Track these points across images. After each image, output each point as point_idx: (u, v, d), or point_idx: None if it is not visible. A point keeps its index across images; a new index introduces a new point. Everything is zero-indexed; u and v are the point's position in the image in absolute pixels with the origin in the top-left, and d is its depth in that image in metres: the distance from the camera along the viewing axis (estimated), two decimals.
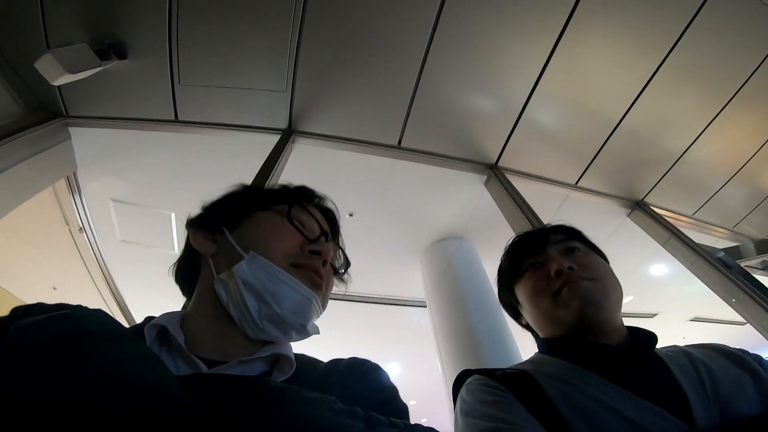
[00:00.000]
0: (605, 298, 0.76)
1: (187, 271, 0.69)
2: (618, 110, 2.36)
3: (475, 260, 3.13)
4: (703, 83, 2.25)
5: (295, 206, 0.69)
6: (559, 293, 0.77)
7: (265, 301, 0.56)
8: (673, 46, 2.03)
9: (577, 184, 2.74)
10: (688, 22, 1.94)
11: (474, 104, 2.29)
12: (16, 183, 1.86)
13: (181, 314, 0.61)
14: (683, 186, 2.87)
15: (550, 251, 0.85)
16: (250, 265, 0.58)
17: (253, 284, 0.57)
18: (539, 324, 0.85)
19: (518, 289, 0.89)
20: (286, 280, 0.58)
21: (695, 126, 2.48)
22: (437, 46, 1.98)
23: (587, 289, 0.76)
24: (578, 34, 1.97)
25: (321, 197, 0.78)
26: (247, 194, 0.75)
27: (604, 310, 0.75)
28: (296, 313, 0.58)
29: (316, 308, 0.62)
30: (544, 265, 0.84)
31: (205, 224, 0.68)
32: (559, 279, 0.78)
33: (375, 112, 2.25)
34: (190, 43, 1.86)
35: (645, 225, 2.83)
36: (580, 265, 0.80)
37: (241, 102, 2.12)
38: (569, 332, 0.77)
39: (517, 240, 0.98)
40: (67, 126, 2.09)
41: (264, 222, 0.66)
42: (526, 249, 0.90)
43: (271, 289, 0.57)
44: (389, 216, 2.95)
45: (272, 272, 0.58)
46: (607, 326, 0.75)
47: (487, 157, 2.56)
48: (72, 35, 1.75)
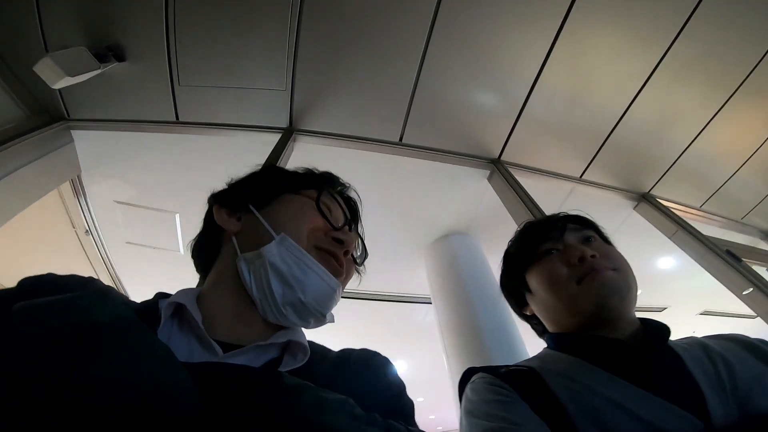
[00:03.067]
0: (629, 289, 0.74)
1: (205, 248, 0.68)
2: (621, 102, 2.32)
3: (479, 256, 3.11)
4: (708, 74, 2.21)
5: (324, 192, 0.68)
6: (582, 281, 0.74)
7: (290, 286, 0.55)
8: (676, 36, 2.00)
9: (582, 177, 2.71)
10: (690, 12, 1.90)
11: (475, 99, 2.26)
12: (21, 187, 1.87)
13: (197, 291, 0.59)
14: (690, 178, 2.83)
15: (568, 238, 0.83)
16: (280, 248, 0.57)
17: (281, 268, 0.55)
18: (551, 314, 0.82)
19: (531, 276, 0.85)
20: (314, 268, 0.57)
21: (701, 117, 2.45)
22: (436, 40, 1.96)
23: (612, 279, 0.73)
24: (578, 26, 1.94)
25: (345, 185, 0.78)
26: (275, 175, 0.74)
27: (626, 302, 0.73)
28: (319, 302, 0.58)
29: (337, 298, 0.61)
30: (562, 252, 0.81)
31: (231, 201, 0.67)
32: (581, 266, 0.76)
33: (375, 108, 2.23)
34: (188, 43, 1.86)
35: (652, 218, 2.79)
36: (601, 254, 0.77)
37: (241, 102, 2.12)
38: (582, 323, 0.75)
39: (531, 225, 0.95)
40: (69, 129, 2.10)
41: (292, 204, 0.65)
42: (542, 235, 0.86)
43: (298, 276, 0.56)
44: (392, 213, 2.93)
45: (300, 257, 0.57)
46: (622, 319, 0.73)
47: (489, 152, 2.54)
48: (69, 38, 1.75)
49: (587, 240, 0.83)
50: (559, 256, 0.81)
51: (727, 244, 2.44)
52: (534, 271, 0.84)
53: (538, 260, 0.83)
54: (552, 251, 0.82)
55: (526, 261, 0.86)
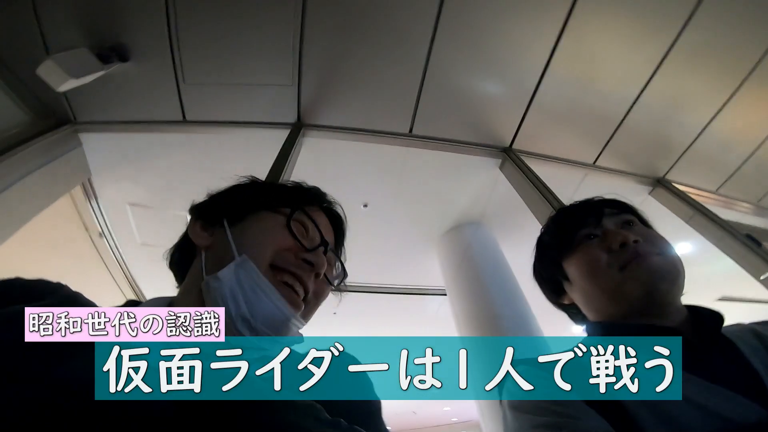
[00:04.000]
0: (678, 274, 0.71)
1: (181, 259, 0.68)
2: (634, 87, 2.28)
3: (493, 245, 3.09)
4: (722, 56, 2.16)
5: (299, 212, 0.65)
6: (626, 267, 0.71)
7: (241, 308, 0.54)
8: (687, 20, 1.95)
9: (595, 163, 2.67)
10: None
11: (484, 88, 2.23)
12: (30, 193, 1.86)
13: (168, 300, 0.59)
14: (705, 161, 2.77)
15: (606, 224, 0.79)
16: (238, 270, 0.55)
17: (234, 289, 0.54)
18: (594, 303, 0.78)
19: (569, 264, 0.81)
20: (268, 293, 0.56)
21: (715, 100, 2.39)
22: (443, 30, 1.93)
23: (659, 264, 0.70)
24: (587, 12, 1.90)
25: (331, 201, 0.75)
26: (255, 190, 0.72)
27: (676, 287, 0.70)
28: (270, 327, 0.55)
29: (293, 326, 0.59)
30: (601, 238, 0.77)
31: (207, 214, 0.66)
32: (624, 252, 0.72)
33: (384, 100, 2.21)
34: (192, 40, 1.84)
35: (668, 202, 2.74)
36: (645, 239, 0.74)
37: (248, 98, 2.10)
38: (628, 312, 0.71)
39: (565, 211, 0.91)
40: (76, 132, 2.09)
41: (265, 222, 0.64)
42: (579, 220, 0.82)
43: (251, 299, 0.54)
44: (404, 205, 2.92)
45: (256, 281, 0.55)
46: (671, 306, 0.69)
47: (501, 141, 2.51)
48: (71, 40, 1.74)
49: (627, 224, 0.79)
50: (598, 242, 0.77)
51: (746, 228, 2.39)
52: (572, 258, 0.80)
53: (577, 247, 0.80)
54: (591, 237, 0.79)
55: (563, 248, 0.82)
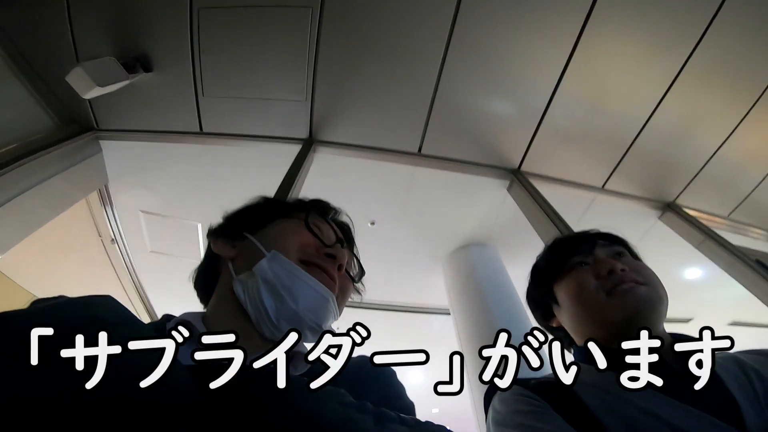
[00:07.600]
0: (660, 301, 0.74)
1: (206, 278, 0.71)
2: (644, 110, 2.27)
3: (499, 266, 3.07)
4: (733, 79, 2.15)
5: (313, 213, 0.70)
6: (611, 293, 0.75)
7: (282, 298, 0.57)
8: (698, 42, 1.94)
9: (604, 186, 2.66)
10: (711, 17, 1.85)
11: (494, 108, 2.25)
12: (50, 196, 1.93)
13: (201, 314, 0.62)
14: (716, 186, 2.74)
15: (598, 253, 0.83)
16: (271, 263, 0.59)
17: (271, 280, 0.57)
18: (579, 326, 0.82)
19: (559, 288, 0.86)
20: (304, 278, 0.59)
21: (727, 122, 2.37)
22: (454, 50, 1.96)
23: (642, 293, 0.74)
24: (597, 34, 1.92)
25: (336, 210, 0.80)
26: (268, 204, 0.77)
27: (656, 314, 0.73)
28: (312, 311, 0.58)
29: (332, 309, 0.62)
30: (592, 265, 0.81)
31: (227, 232, 0.70)
32: (611, 279, 0.76)
33: (394, 119, 2.24)
34: (212, 54, 1.91)
35: (678, 227, 2.71)
36: (631, 268, 0.78)
37: (262, 112, 2.15)
38: (611, 335, 0.73)
39: (561, 239, 0.96)
40: (98, 139, 2.16)
41: (283, 225, 0.68)
42: (573, 248, 0.87)
43: (289, 286, 0.57)
44: (411, 223, 2.93)
45: (291, 269, 0.59)
46: (651, 333, 0.71)
47: (509, 162, 2.52)
48: (99, 48, 1.81)
49: (618, 255, 0.83)
50: (589, 269, 0.81)
51: (756, 254, 2.36)
52: (563, 282, 0.85)
53: (568, 272, 0.84)
54: (582, 264, 0.83)
55: (556, 273, 0.87)
